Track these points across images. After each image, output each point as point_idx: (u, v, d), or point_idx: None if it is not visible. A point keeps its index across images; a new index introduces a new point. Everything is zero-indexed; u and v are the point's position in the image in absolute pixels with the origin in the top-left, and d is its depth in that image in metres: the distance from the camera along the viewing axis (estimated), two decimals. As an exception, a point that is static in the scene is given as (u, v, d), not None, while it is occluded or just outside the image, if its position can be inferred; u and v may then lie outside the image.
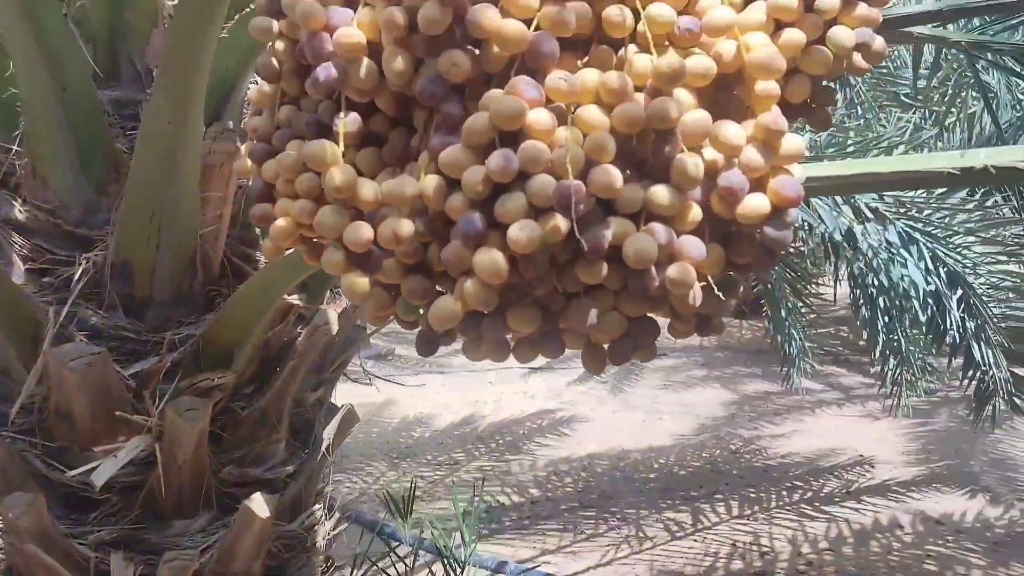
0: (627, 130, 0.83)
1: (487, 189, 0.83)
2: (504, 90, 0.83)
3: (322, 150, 0.90)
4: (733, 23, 0.87)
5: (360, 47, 0.89)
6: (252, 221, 1.08)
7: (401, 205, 0.88)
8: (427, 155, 0.88)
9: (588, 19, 0.86)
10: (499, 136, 0.83)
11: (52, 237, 1.68)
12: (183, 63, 1.30)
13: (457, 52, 0.85)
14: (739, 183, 0.84)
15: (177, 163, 1.50)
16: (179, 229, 1.62)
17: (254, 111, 1.10)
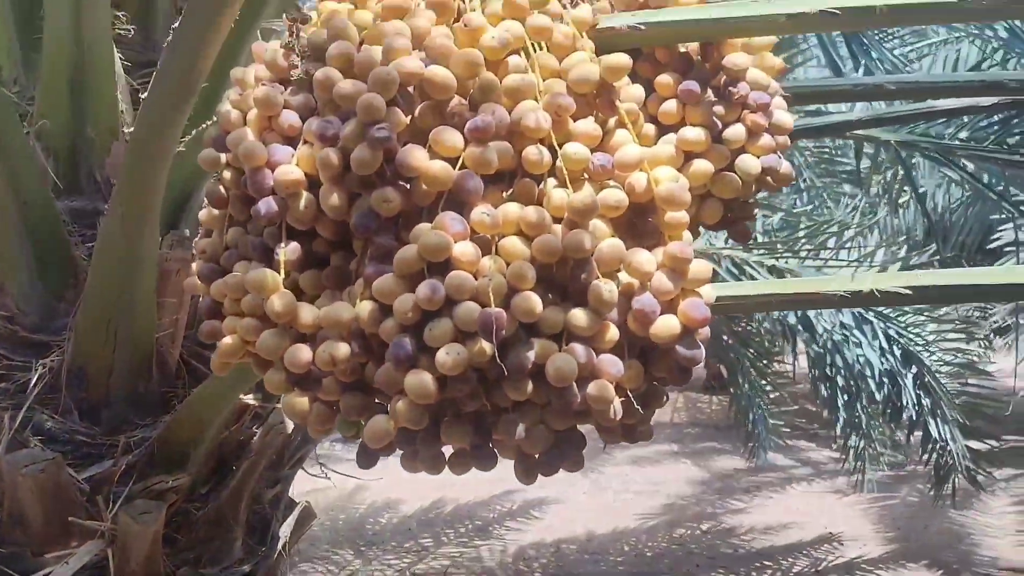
0: (546, 259, 0.90)
1: (416, 315, 0.88)
2: (432, 225, 0.89)
3: (263, 278, 0.96)
4: (643, 159, 0.94)
5: (299, 183, 0.95)
6: (201, 338, 1.12)
7: (338, 329, 0.93)
8: (362, 282, 0.94)
9: (510, 156, 0.94)
10: (428, 266, 0.89)
11: (9, 343, 1.71)
12: (140, 180, 1.36)
13: (388, 189, 0.91)
14: (651, 306, 0.91)
15: (133, 272, 1.55)
16: (135, 334, 1.66)
17: (204, 232, 1.16)
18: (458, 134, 0.91)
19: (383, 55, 0.92)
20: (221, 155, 1.05)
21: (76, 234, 1.72)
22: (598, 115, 0.98)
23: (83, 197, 1.73)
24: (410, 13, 0.98)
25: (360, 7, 1.03)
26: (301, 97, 0.99)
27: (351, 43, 0.95)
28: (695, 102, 1.01)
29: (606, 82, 0.97)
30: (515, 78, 0.94)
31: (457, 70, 0.93)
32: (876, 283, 0.92)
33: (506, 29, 0.97)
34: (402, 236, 0.94)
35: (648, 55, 1.06)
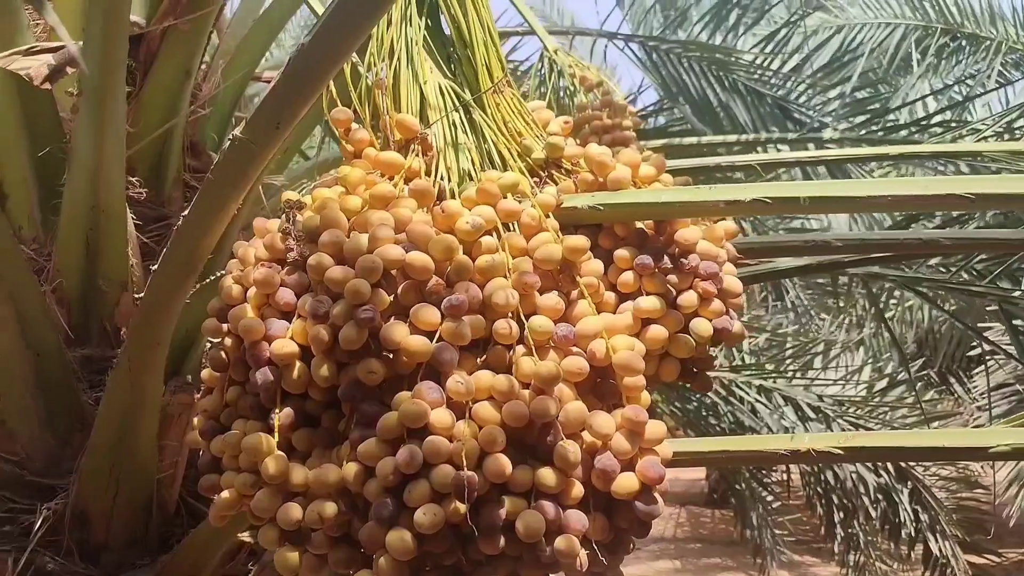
0: (515, 424, 0.99)
1: (397, 478, 0.97)
2: (411, 394, 0.99)
3: (258, 442, 1.05)
4: (601, 329, 1.05)
5: (293, 356, 1.06)
6: (200, 491, 1.21)
7: (326, 489, 1.02)
8: (349, 445, 1.03)
9: (483, 327, 1.05)
10: (407, 431, 0.99)
11: (15, 486, 1.78)
12: (147, 337, 1.46)
13: (373, 361, 1.02)
14: (611, 465, 1.00)
15: (137, 418, 1.64)
16: (137, 477, 1.74)
17: (205, 390, 1.26)
18: (436, 311, 1.02)
19: (369, 243, 1.04)
20: (223, 325, 1.16)
21: (84, 381, 1.81)
22: (561, 288, 1.10)
23: (93, 346, 1.83)
24: (394, 201, 1.11)
25: (350, 193, 1.16)
26: (296, 276, 1.10)
27: (341, 230, 1.07)
28: (649, 274, 1.12)
29: (568, 260, 1.09)
30: (487, 259, 1.06)
31: (435, 253, 1.05)
32: (812, 443, 1.01)
33: (479, 214, 1.10)
34: (386, 400, 1.04)
35: (608, 229, 1.19)
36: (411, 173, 1.20)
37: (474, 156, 1.25)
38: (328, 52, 0.88)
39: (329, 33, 0.85)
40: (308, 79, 0.91)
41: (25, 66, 1.61)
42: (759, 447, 1.07)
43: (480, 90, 1.31)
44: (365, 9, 0.85)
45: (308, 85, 0.92)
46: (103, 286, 1.79)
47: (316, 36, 0.85)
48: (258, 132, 0.96)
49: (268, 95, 0.93)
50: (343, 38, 0.87)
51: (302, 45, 0.88)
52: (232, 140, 0.98)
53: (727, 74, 3.50)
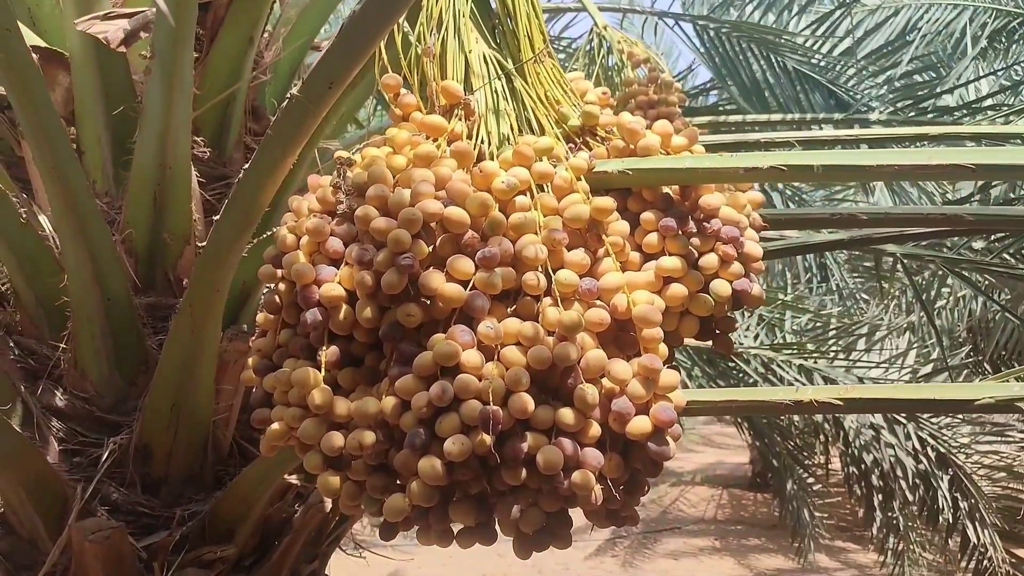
0: (539, 366, 1.08)
1: (430, 411, 1.07)
2: (445, 335, 1.09)
3: (306, 375, 1.16)
4: (623, 284, 1.13)
5: (340, 298, 1.16)
6: (252, 424, 1.32)
7: (366, 420, 1.12)
8: (388, 381, 1.13)
9: (514, 279, 1.14)
10: (441, 369, 1.08)
11: (85, 421, 1.93)
12: (207, 286, 1.58)
13: (412, 305, 1.11)
14: (626, 408, 1.08)
15: (196, 363, 1.77)
16: (195, 418, 1.87)
17: (259, 332, 1.37)
18: (470, 261, 1.11)
19: (411, 197, 1.13)
20: (277, 271, 1.27)
21: (149, 326, 1.95)
22: (588, 246, 1.18)
23: (157, 294, 1.96)
24: (436, 161, 1.20)
25: (397, 152, 1.26)
26: (345, 227, 1.20)
27: (386, 185, 1.17)
28: (672, 235, 1.20)
29: (595, 219, 1.17)
30: (519, 216, 1.14)
31: (471, 209, 1.14)
32: (814, 394, 1.09)
33: (514, 174, 1.18)
34: (423, 342, 1.14)
35: (636, 193, 1.26)
36: (454, 136, 1.29)
37: (513, 122, 1.33)
38: (378, 17, 0.97)
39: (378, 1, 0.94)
40: (359, 42, 1.00)
41: (103, 30, 1.74)
42: (764, 397, 1.15)
43: (522, 60, 1.39)
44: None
45: (359, 48, 1.01)
46: (167, 239, 1.92)
47: (366, 5, 0.94)
48: (312, 92, 1.06)
49: (322, 57, 1.02)
50: (392, 4, 0.96)
51: (355, 11, 0.97)
52: (289, 99, 1.08)
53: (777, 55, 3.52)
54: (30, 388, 1.93)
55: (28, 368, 1.98)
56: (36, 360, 1.97)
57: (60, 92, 1.92)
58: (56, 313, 1.90)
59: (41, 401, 1.93)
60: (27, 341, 1.97)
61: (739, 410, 1.26)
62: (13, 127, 2.05)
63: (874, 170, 1.01)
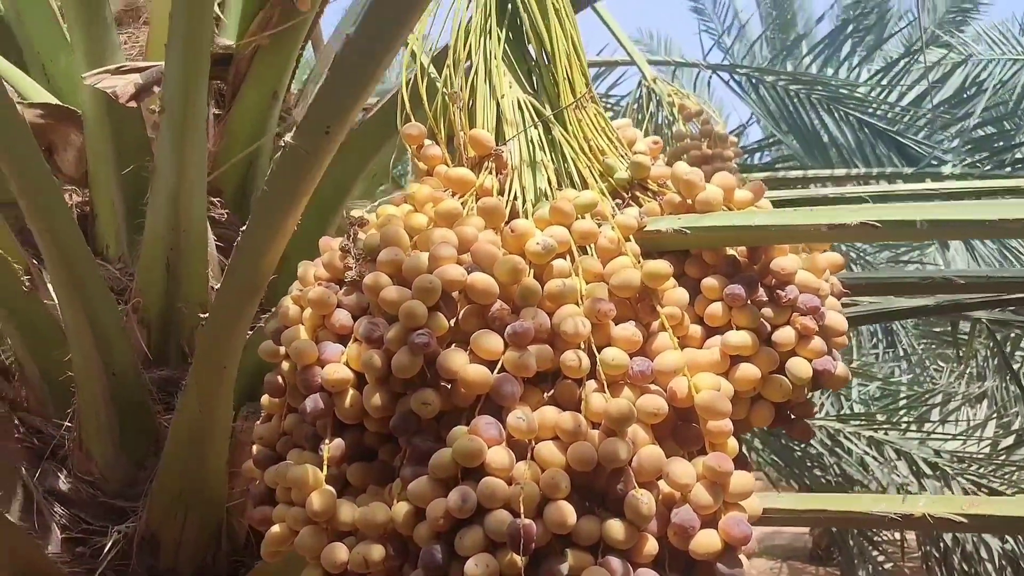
0: (581, 468, 0.89)
1: (448, 522, 0.88)
2: (467, 429, 0.90)
3: (304, 474, 0.97)
4: (683, 365, 0.94)
5: (346, 382, 0.98)
6: (251, 524, 1.14)
7: (373, 531, 0.94)
8: (400, 483, 0.95)
9: (551, 358, 0.95)
10: (461, 471, 0.89)
11: (89, 507, 1.77)
12: (214, 361, 1.42)
13: (428, 392, 0.93)
14: (690, 520, 0.88)
15: (206, 445, 1.60)
16: (206, 505, 1.70)
17: (264, 417, 1.20)
18: (498, 338, 0.93)
19: (429, 262, 0.96)
20: (280, 347, 1.10)
21: (161, 403, 1.80)
22: (640, 318, 0.99)
23: (170, 367, 1.81)
24: (460, 219, 1.03)
25: (417, 211, 1.09)
26: (354, 297, 1.03)
27: (401, 249, 1.00)
28: (740, 305, 1.01)
29: (648, 287, 0.98)
30: (557, 283, 0.96)
31: (501, 276, 0.96)
32: (928, 507, 0.87)
33: (551, 234, 1.00)
34: (442, 435, 0.95)
35: (696, 256, 1.08)
36: (483, 192, 1.12)
37: (551, 175, 1.16)
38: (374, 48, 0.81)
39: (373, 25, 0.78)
40: (354, 79, 0.84)
41: (112, 84, 1.62)
42: (865, 508, 0.93)
43: (561, 105, 1.22)
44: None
45: (355, 85, 0.85)
46: (183, 308, 1.77)
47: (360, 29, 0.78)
48: (308, 138, 0.90)
49: (315, 100, 0.87)
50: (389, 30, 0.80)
51: (348, 36, 0.81)
52: (284, 147, 0.92)
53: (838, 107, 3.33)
54: (33, 470, 1.78)
55: (33, 448, 1.83)
56: (41, 439, 1.82)
57: (72, 152, 1.81)
58: (62, 389, 1.76)
59: (44, 485, 1.78)
60: (32, 419, 1.83)
61: (831, 522, 1.04)
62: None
63: (999, 225, 0.81)
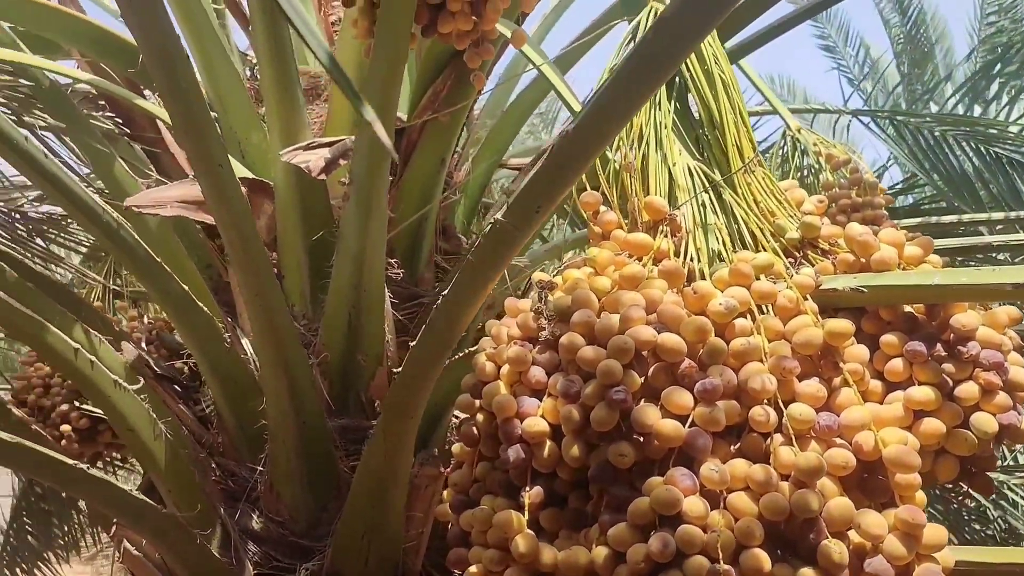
0: (773, 517, 0.94)
1: (648, 566, 0.94)
2: (663, 479, 0.97)
3: (509, 519, 1.06)
4: (869, 420, 0.98)
5: (544, 434, 1.07)
6: (448, 566, 1.24)
7: (575, 572, 1.01)
8: (598, 528, 1.02)
9: (738, 413, 1.01)
10: (659, 518, 0.96)
11: (279, 546, 1.92)
12: (402, 410, 1.54)
13: (624, 444, 1.01)
14: (884, 570, 0.92)
15: (389, 489, 1.72)
16: (386, 546, 1.81)
17: (455, 464, 1.30)
18: (688, 394, 1.00)
19: (620, 323, 1.04)
20: (475, 401, 1.20)
21: (342, 449, 1.93)
22: (822, 375, 1.04)
23: (350, 416, 1.95)
24: (644, 282, 1.11)
25: (599, 273, 1.17)
26: (547, 355, 1.12)
27: (592, 311, 1.08)
28: (922, 362, 1.04)
29: (829, 344, 1.03)
30: (741, 342, 1.02)
31: (687, 335, 1.03)
32: None
33: (732, 295, 1.07)
34: (636, 485, 1.02)
35: (872, 313, 1.11)
36: (659, 254, 1.20)
37: (724, 236, 1.23)
38: (589, 142, 0.90)
39: (590, 124, 0.88)
40: (568, 167, 0.94)
41: (305, 159, 1.79)
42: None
43: (730, 170, 1.29)
44: (626, 100, 0.87)
45: (568, 172, 0.95)
46: (361, 360, 1.92)
47: (578, 127, 0.88)
48: (518, 216, 1.00)
49: (531, 180, 0.97)
50: (604, 128, 0.89)
51: (564, 134, 0.91)
52: (493, 224, 1.03)
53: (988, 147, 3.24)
54: (229, 510, 1.95)
55: (227, 490, 2.00)
56: (235, 482, 1.99)
57: (264, 219, 2.00)
58: (255, 435, 1.92)
59: (239, 524, 1.94)
60: (227, 463, 2.00)
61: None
62: (221, 254, 2.15)
63: None
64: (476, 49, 1.53)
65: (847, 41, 8.17)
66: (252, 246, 1.48)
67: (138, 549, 1.88)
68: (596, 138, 0.90)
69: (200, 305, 1.77)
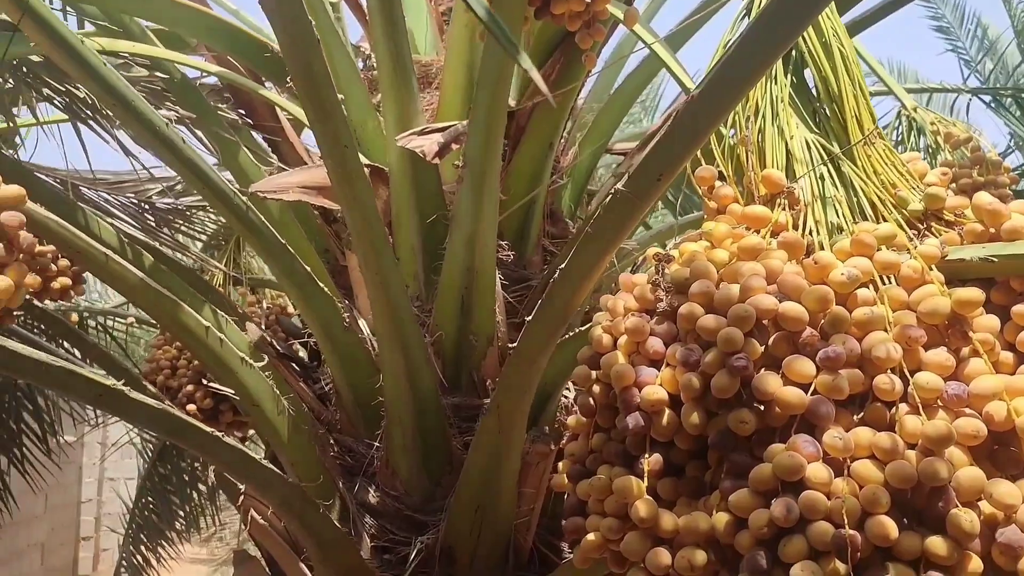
0: (900, 485, 0.93)
1: (771, 531, 0.95)
2: (785, 446, 0.97)
3: (629, 485, 1.08)
4: (1000, 389, 0.96)
5: (663, 402, 1.08)
6: (565, 533, 1.26)
7: (696, 537, 1.02)
8: (719, 495, 1.03)
9: (861, 382, 1.00)
10: (781, 484, 0.96)
11: (395, 520, 1.98)
12: (517, 386, 1.58)
13: (744, 411, 1.01)
14: (1018, 540, 0.90)
15: (502, 466, 1.76)
16: (498, 521, 1.86)
17: (571, 436, 1.32)
18: (810, 362, 1.00)
19: (740, 292, 1.04)
20: (592, 372, 1.22)
21: (454, 426, 1.99)
22: (950, 344, 1.02)
23: (462, 395, 2.00)
24: (763, 253, 1.11)
25: (715, 247, 1.18)
26: (665, 326, 1.14)
27: (711, 282, 1.09)
28: (1057, 332, 1.01)
29: (957, 314, 1.01)
30: (864, 311, 1.02)
31: (808, 305, 1.03)
32: None
33: (854, 265, 1.06)
34: (755, 453, 1.03)
35: (1003, 283, 1.09)
36: (777, 227, 1.20)
37: (844, 209, 1.21)
38: (714, 107, 0.91)
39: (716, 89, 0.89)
40: (692, 133, 0.95)
41: (420, 144, 1.85)
42: None
43: (848, 142, 1.27)
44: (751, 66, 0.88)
45: (692, 138, 0.96)
46: (473, 340, 1.96)
47: (703, 92, 0.89)
48: (640, 184, 1.02)
49: (651, 150, 0.98)
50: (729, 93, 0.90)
51: (690, 99, 0.92)
52: (613, 194, 1.05)
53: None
54: (347, 484, 2.03)
55: (345, 465, 2.08)
56: (352, 457, 2.07)
57: (380, 204, 2.06)
58: (371, 412, 1.99)
59: (356, 498, 2.02)
60: (345, 439, 2.08)
61: None
62: (337, 239, 2.23)
63: None
64: (588, 30, 1.56)
65: (962, 21, 7.82)
66: (374, 226, 1.54)
67: (264, 519, 1.98)
68: (721, 103, 0.91)
69: (322, 285, 1.85)
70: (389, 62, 1.82)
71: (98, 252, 1.65)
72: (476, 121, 1.64)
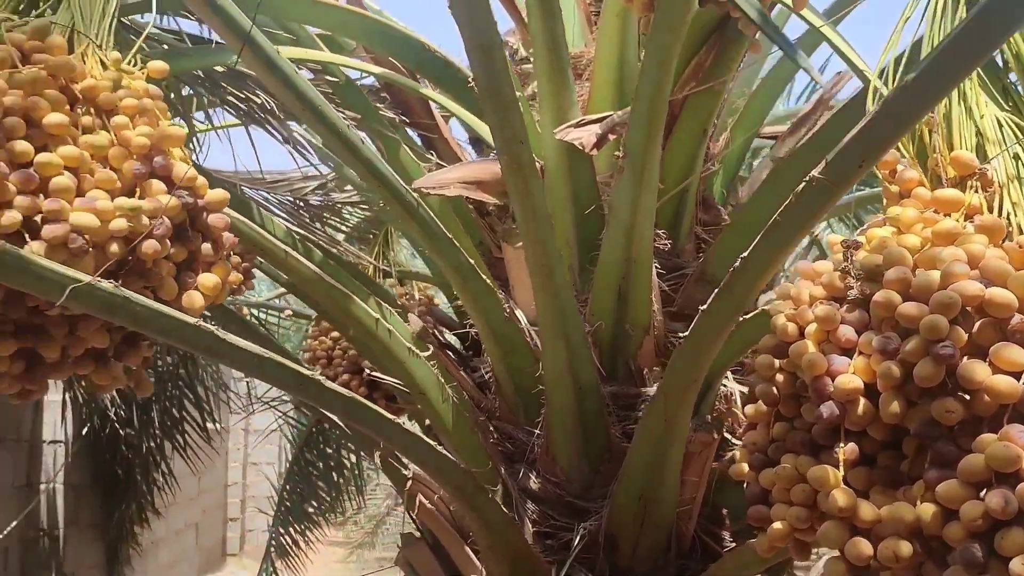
0: None
1: (986, 523, 0.93)
2: (998, 436, 0.95)
3: (825, 474, 1.08)
4: None
5: (858, 391, 1.07)
6: (749, 521, 1.27)
7: (899, 528, 1.01)
8: (923, 485, 1.01)
9: (1079, 365, 0.96)
10: (995, 475, 0.94)
11: (556, 506, 2.02)
12: (685, 376, 1.59)
13: (950, 400, 0.99)
14: None
15: (666, 455, 1.77)
16: (661, 509, 1.87)
17: (748, 425, 1.32)
18: (1020, 350, 0.97)
19: (941, 279, 1.02)
20: (775, 361, 1.22)
21: (612, 415, 2.01)
22: None
23: (619, 383, 2.02)
24: (961, 237, 1.08)
25: (903, 232, 1.15)
26: (856, 314, 1.12)
27: (907, 268, 1.07)
28: None
29: None
30: (1080, 296, 0.98)
31: (1016, 290, 0.99)
32: None
33: (1065, 248, 1.02)
34: (959, 442, 1.01)
35: None
36: (971, 210, 1.16)
37: (1043, 189, 1.17)
38: (928, 93, 0.89)
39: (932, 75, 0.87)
40: (902, 119, 0.93)
41: (577, 136, 1.87)
42: None
43: (1046, 119, 1.22)
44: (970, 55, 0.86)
45: (901, 124, 0.94)
46: (629, 330, 1.98)
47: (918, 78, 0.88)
48: (838, 171, 1.00)
49: (854, 137, 0.97)
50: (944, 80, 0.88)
51: (903, 85, 0.90)
52: (808, 181, 1.04)
53: None
54: (508, 471, 2.08)
55: (505, 452, 2.13)
56: (513, 444, 2.12)
57: (535, 197, 2.10)
58: (531, 401, 2.03)
59: (518, 484, 2.06)
60: (505, 426, 2.13)
61: None
62: (492, 232, 2.29)
63: None
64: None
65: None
66: (541, 219, 1.58)
67: (431, 503, 2.06)
68: (935, 90, 0.89)
69: (484, 276, 1.90)
70: (547, 55, 1.84)
71: (278, 248, 1.75)
72: (638, 112, 1.65)
